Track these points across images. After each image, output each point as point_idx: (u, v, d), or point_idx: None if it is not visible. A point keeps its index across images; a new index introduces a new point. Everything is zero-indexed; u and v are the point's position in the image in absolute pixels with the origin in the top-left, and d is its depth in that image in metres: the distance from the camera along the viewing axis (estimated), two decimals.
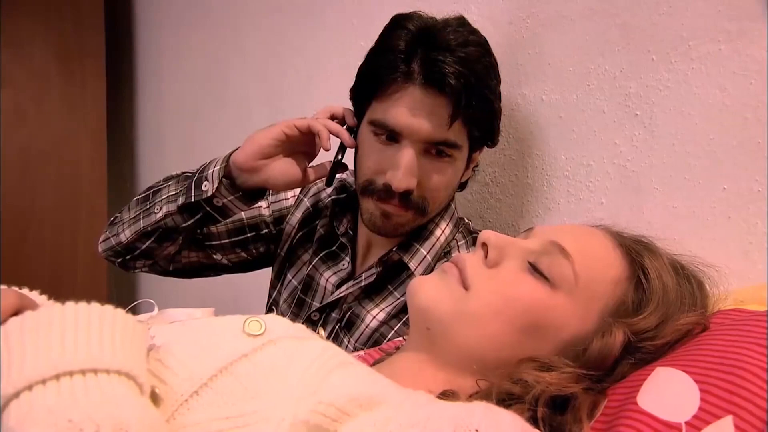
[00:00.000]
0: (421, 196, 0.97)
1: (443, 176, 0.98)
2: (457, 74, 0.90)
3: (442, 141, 0.94)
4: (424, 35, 0.94)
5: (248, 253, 1.21)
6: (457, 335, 0.64)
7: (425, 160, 0.96)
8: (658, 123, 0.94)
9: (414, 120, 0.93)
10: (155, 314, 0.69)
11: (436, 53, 0.91)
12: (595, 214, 1.02)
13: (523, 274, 0.65)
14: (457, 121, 0.93)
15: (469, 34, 0.96)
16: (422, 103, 0.92)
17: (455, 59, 0.91)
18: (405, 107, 0.93)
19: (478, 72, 0.93)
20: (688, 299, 0.66)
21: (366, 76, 1.00)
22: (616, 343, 0.61)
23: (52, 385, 0.41)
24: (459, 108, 0.91)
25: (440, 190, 0.99)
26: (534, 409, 0.58)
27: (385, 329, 1.01)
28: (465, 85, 0.91)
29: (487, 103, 0.96)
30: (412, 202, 0.97)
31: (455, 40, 0.92)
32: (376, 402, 0.52)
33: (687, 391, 0.56)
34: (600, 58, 1.02)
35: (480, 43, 0.97)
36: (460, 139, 0.96)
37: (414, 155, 0.94)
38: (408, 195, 0.96)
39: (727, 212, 0.86)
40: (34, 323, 0.45)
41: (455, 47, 0.92)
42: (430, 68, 0.91)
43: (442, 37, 0.93)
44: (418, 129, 0.93)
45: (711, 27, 0.87)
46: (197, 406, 0.49)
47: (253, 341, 0.55)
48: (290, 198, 1.21)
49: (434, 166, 0.97)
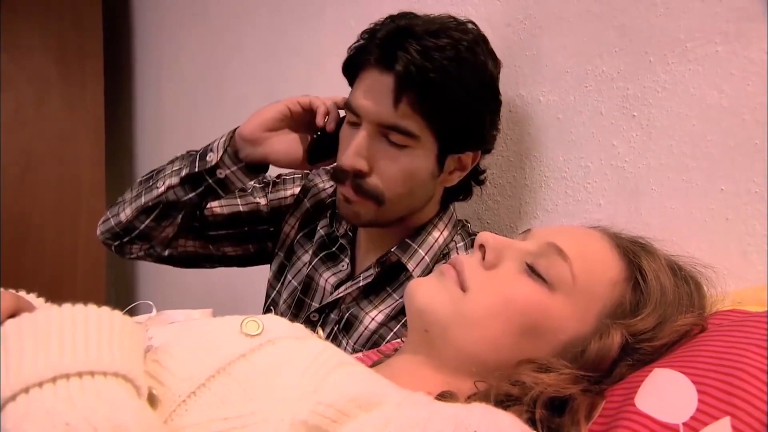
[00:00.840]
0: (375, 184, 0.96)
1: (396, 165, 0.95)
2: (409, 57, 0.89)
3: (392, 125, 0.93)
4: (400, 26, 0.94)
5: (243, 248, 1.22)
6: (455, 337, 0.64)
7: (380, 145, 0.95)
8: (655, 124, 0.94)
9: (365, 100, 0.94)
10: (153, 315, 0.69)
11: (399, 37, 0.91)
12: (592, 216, 1.02)
13: (521, 275, 0.65)
14: (409, 109, 0.91)
15: (448, 28, 0.93)
16: (376, 84, 0.92)
17: (418, 46, 0.89)
18: (363, 88, 0.95)
19: (440, 61, 0.90)
20: (686, 300, 0.66)
21: (345, 65, 1.02)
22: (614, 345, 0.61)
23: (48, 388, 0.41)
24: (403, 89, 0.90)
25: (395, 180, 0.96)
26: (532, 411, 0.58)
27: (384, 331, 1.01)
28: (414, 67, 0.89)
29: (450, 96, 0.92)
30: (363, 188, 0.96)
31: (424, 28, 0.91)
32: (375, 403, 0.52)
33: (685, 392, 0.56)
34: (598, 60, 1.02)
35: (457, 39, 0.92)
36: (415, 129, 0.93)
37: (366, 136, 0.94)
38: (359, 179, 0.96)
39: (725, 213, 0.86)
40: (30, 326, 0.45)
41: (423, 33, 0.90)
42: (386, 48, 0.91)
43: (413, 24, 0.92)
44: (368, 109, 0.93)
45: (708, 28, 0.87)
46: (195, 408, 0.49)
47: (251, 342, 0.55)
48: (289, 197, 1.21)
49: (388, 152, 0.95)
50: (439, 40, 0.90)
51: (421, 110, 0.92)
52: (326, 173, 1.21)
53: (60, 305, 0.47)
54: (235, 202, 1.20)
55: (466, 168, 1.02)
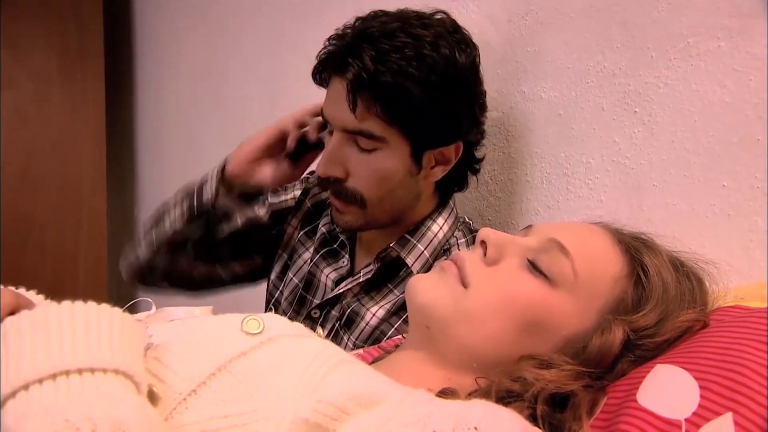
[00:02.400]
0: (353, 188, 0.97)
1: (369, 168, 0.96)
2: (362, 65, 0.90)
3: (355, 130, 0.94)
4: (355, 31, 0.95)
5: (251, 262, 1.23)
6: (456, 333, 0.64)
7: (351, 150, 0.96)
8: (657, 120, 0.94)
9: (328, 107, 0.97)
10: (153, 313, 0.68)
11: (355, 44, 0.92)
12: (594, 212, 1.01)
13: (523, 272, 0.65)
14: (366, 112, 0.91)
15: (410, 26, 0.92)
16: (336, 91, 0.95)
17: (372, 52, 0.90)
18: (327, 96, 0.98)
19: (399, 64, 0.89)
20: (688, 296, 0.66)
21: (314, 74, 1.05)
22: (615, 341, 0.61)
23: (48, 385, 0.41)
24: (355, 94, 0.91)
25: (372, 182, 0.97)
26: (533, 407, 0.58)
27: (385, 326, 1.01)
28: (367, 73, 0.89)
29: (411, 97, 0.90)
30: (342, 193, 0.98)
31: (382, 30, 0.92)
32: (375, 400, 0.51)
33: (687, 388, 0.56)
34: (599, 56, 1.01)
35: (418, 35, 0.91)
36: (378, 131, 0.93)
37: (337, 143, 0.96)
38: (337, 185, 0.98)
39: (726, 209, 0.85)
40: (30, 322, 0.45)
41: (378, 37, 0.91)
42: (340, 56, 0.94)
43: (368, 27, 0.94)
44: (333, 117, 0.96)
45: (711, 24, 0.87)
46: (196, 405, 0.49)
47: (251, 340, 0.55)
48: (290, 199, 1.21)
49: (359, 157, 0.96)
50: (395, 41, 0.90)
51: (378, 113, 0.92)
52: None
53: (60, 302, 0.47)
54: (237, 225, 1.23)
55: (449, 161, 1.01)
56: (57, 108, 2.33)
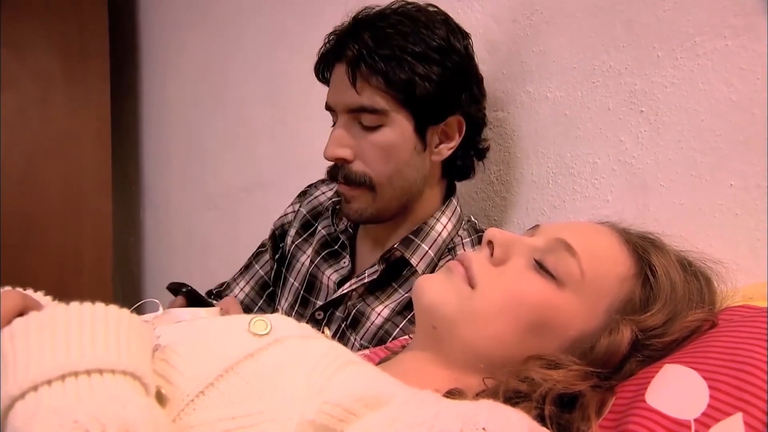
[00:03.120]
0: (361, 170, 0.99)
1: (375, 145, 0.98)
2: (357, 42, 0.95)
3: (355, 107, 0.97)
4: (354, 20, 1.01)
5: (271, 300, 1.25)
6: (463, 334, 0.64)
7: (356, 132, 0.99)
8: (663, 120, 0.93)
9: (332, 92, 1.01)
10: (160, 314, 0.68)
11: (353, 30, 0.98)
12: (600, 212, 1.01)
13: (530, 272, 0.65)
14: (364, 87, 0.95)
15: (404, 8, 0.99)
16: (337, 76, 0.99)
17: (367, 31, 0.96)
18: (331, 85, 1.02)
19: (391, 39, 0.95)
20: (696, 296, 0.65)
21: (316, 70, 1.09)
22: (623, 341, 0.61)
23: (57, 386, 0.41)
24: (355, 69, 0.95)
25: (378, 161, 0.99)
26: (541, 408, 0.57)
27: (390, 326, 1.01)
28: (362, 49, 0.94)
29: (407, 68, 0.94)
30: (352, 177, 1.00)
31: (377, 13, 0.98)
32: (382, 401, 0.51)
33: (696, 388, 0.56)
34: (605, 55, 1.01)
35: (408, 14, 0.98)
36: (381, 104, 0.96)
37: (342, 126, 0.99)
38: (346, 168, 1.00)
39: (734, 209, 0.85)
40: (38, 324, 0.45)
41: (373, 18, 0.97)
42: (339, 43, 0.99)
43: (363, 15, 1.00)
44: (335, 99, 1.00)
45: (717, 22, 0.87)
46: (203, 406, 0.49)
47: (258, 341, 0.54)
48: (290, 214, 1.23)
49: (364, 135, 0.99)
50: (391, 20, 0.96)
51: (378, 85, 0.95)
52: (324, 183, 1.23)
53: (68, 303, 0.47)
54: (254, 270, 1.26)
55: (452, 138, 1.02)
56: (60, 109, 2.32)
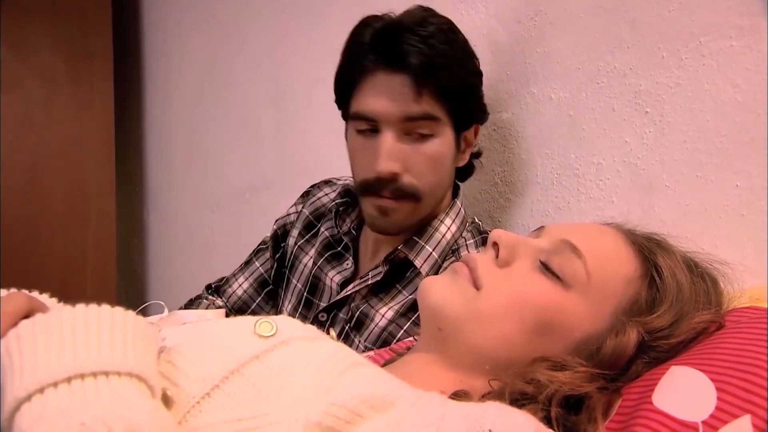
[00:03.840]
0: (410, 182, 0.98)
1: (427, 156, 0.98)
2: (416, 50, 0.93)
3: (415, 116, 0.95)
4: (386, 26, 0.98)
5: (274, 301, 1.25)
6: (468, 335, 0.64)
7: (406, 144, 0.97)
8: (668, 120, 0.93)
9: (383, 102, 0.95)
10: (166, 316, 0.68)
11: (395, 35, 0.95)
12: (605, 213, 1.01)
13: (535, 273, 0.65)
14: (426, 95, 0.94)
15: (429, 15, 0.99)
16: (388, 84, 0.95)
17: (414, 36, 0.94)
18: (374, 93, 0.96)
19: (440, 46, 0.95)
20: (703, 297, 0.65)
21: (340, 76, 1.04)
22: (630, 342, 0.61)
23: (63, 388, 0.41)
24: (421, 79, 0.93)
25: (428, 172, 0.99)
26: (548, 409, 0.57)
27: (394, 328, 1.00)
28: (425, 58, 0.93)
29: (456, 75, 0.97)
30: (402, 190, 0.98)
31: (411, 20, 0.96)
32: (388, 403, 0.51)
33: (703, 390, 0.55)
34: (609, 56, 1.01)
35: (442, 22, 0.99)
36: (435, 111, 0.96)
37: (393, 138, 0.96)
38: (396, 182, 0.97)
39: (740, 209, 0.85)
40: (44, 326, 0.45)
41: (412, 26, 0.95)
42: (390, 50, 0.95)
43: (400, 21, 0.97)
44: (388, 109, 0.95)
45: (722, 23, 0.86)
46: (209, 408, 0.49)
47: (264, 343, 0.54)
48: (292, 214, 1.22)
49: (415, 147, 0.97)
50: (428, 28, 0.95)
51: (433, 92, 0.95)
52: (327, 185, 1.23)
53: (73, 305, 0.47)
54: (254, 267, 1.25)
55: (471, 144, 1.06)
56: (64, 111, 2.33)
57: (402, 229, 1.02)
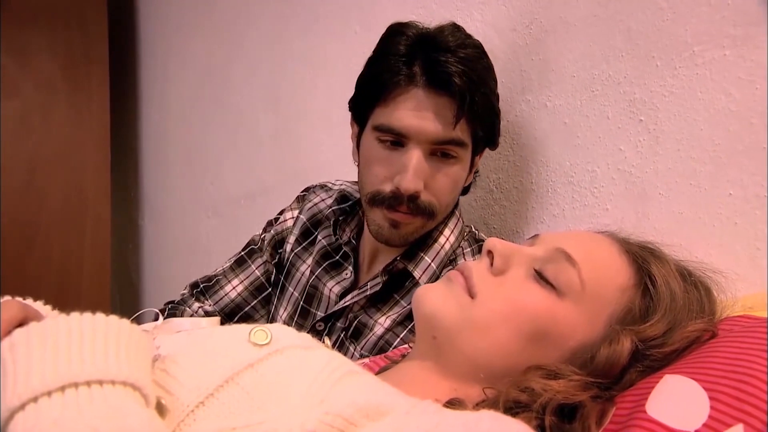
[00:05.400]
0: (429, 200, 0.97)
1: (449, 178, 0.98)
2: (461, 73, 0.92)
3: (448, 140, 0.94)
4: (423, 38, 0.96)
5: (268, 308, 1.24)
6: (463, 343, 0.64)
7: (431, 162, 0.96)
8: (663, 129, 0.94)
9: (419, 121, 0.93)
10: (160, 323, 0.68)
11: (437, 54, 0.93)
12: (600, 220, 1.01)
13: (530, 281, 0.65)
14: (462, 121, 0.94)
15: (465, 37, 0.98)
16: (427, 104, 0.93)
17: (456, 59, 0.92)
18: (410, 109, 0.94)
19: (479, 71, 0.95)
20: (696, 306, 0.65)
21: (367, 83, 1.00)
22: (623, 351, 0.61)
23: (57, 397, 0.41)
24: (464, 106, 0.92)
25: (446, 192, 0.99)
26: (542, 418, 0.57)
27: (391, 336, 1.00)
28: (468, 83, 0.92)
29: (489, 102, 0.98)
30: (420, 207, 0.97)
31: (454, 42, 0.94)
32: (383, 412, 0.51)
33: (696, 398, 0.56)
34: (604, 64, 1.01)
35: (477, 45, 0.99)
36: (465, 137, 0.96)
37: (422, 156, 0.95)
38: (416, 199, 0.96)
39: (733, 218, 0.85)
40: (39, 335, 0.45)
41: (455, 48, 0.93)
42: (433, 69, 0.93)
43: (441, 39, 0.95)
44: (424, 129, 0.93)
45: (715, 32, 0.87)
46: (203, 417, 0.49)
47: (259, 351, 0.54)
48: (289, 220, 1.21)
49: (440, 168, 0.97)
50: (467, 50, 0.94)
51: (471, 121, 0.95)
52: (323, 189, 1.21)
53: (68, 314, 0.47)
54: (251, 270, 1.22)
55: (476, 165, 1.06)
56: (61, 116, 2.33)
57: (408, 242, 1.02)
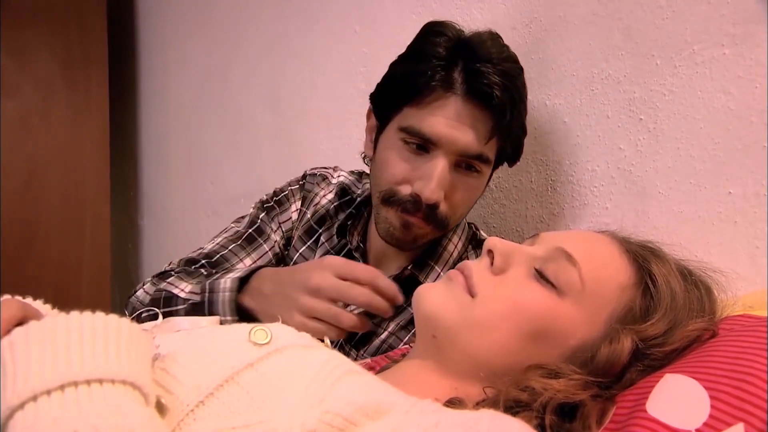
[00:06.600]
0: (445, 211, 0.94)
1: (468, 191, 0.96)
2: (502, 87, 0.88)
3: (477, 155, 0.92)
4: (464, 44, 0.92)
5: None
6: (463, 342, 0.64)
7: (455, 174, 0.93)
8: (662, 127, 0.94)
9: (453, 131, 0.90)
10: (160, 323, 0.68)
11: (479, 64, 0.89)
12: (600, 219, 1.01)
13: (530, 281, 0.65)
14: (495, 139, 0.92)
15: (506, 49, 0.95)
16: (463, 115, 0.90)
17: (498, 72, 0.89)
18: (444, 117, 0.90)
19: (519, 88, 0.93)
20: (697, 305, 0.65)
21: (399, 81, 0.96)
22: (624, 350, 0.61)
23: (57, 396, 0.41)
24: (501, 123, 0.90)
25: (463, 204, 0.97)
26: (542, 417, 0.57)
27: (394, 340, 1.00)
28: (509, 99, 0.89)
29: (522, 120, 0.96)
30: (436, 217, 0.94)
31: (497, 54, 0.91)
32: (383, 411, 0.51)
33: (697, 398, 0.55)
34: (604, 63, 1.01)
35: (515, 59, 0.95)
36: (492, 154, 0.94)
37: (447, 167, 0.91)
38: (434, 209, 0.93)
39: (733, 216, 0.85)
40: (38, 333, 0.45)
41: (497, 60, 0.90)
42: (475, 79, 0.89)
43: (484, 48, 0.91)
44: (456, 140, 0.90)
45: (715, 31, 0.87)
46: (203, 416, 0.48)
47: (259, 350, 0.54)
48: (293, 212, 1.18)
49: (462, 180, 0.94)
50: (508, 64, 0.92)
51: (502, 139, 0.94)
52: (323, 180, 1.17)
53: (67, 313, 0.47)
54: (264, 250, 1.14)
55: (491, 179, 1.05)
56: (60, 116, 2.33)
57: (417, 246, 1.00)
